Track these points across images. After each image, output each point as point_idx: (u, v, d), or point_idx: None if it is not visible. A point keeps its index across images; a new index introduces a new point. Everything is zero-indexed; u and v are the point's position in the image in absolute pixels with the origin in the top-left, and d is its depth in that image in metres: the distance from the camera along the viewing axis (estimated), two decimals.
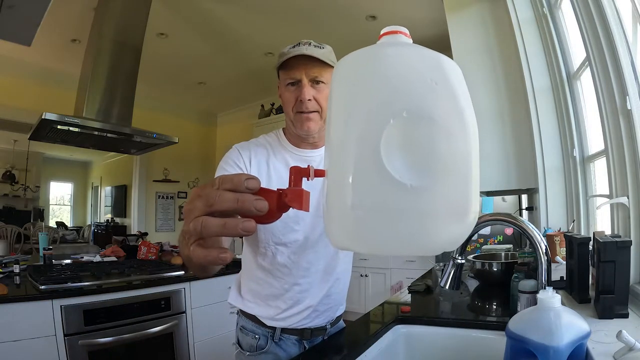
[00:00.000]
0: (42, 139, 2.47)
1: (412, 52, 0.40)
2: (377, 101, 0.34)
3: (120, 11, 2.51)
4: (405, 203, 0.32)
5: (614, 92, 1.17)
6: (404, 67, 0.37)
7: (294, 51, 0.91)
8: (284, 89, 0.95)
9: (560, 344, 0.57)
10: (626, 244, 0.86)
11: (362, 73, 0.37)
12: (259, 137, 1.06)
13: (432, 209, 0.33)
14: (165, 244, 2.89)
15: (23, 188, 7.01)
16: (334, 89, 0.38)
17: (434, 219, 0.33)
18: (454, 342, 1.05)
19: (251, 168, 0.96)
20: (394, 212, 0.33)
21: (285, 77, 0.93)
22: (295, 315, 0.99)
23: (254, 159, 0.97)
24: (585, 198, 1.70)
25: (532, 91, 1.93)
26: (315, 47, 0.92)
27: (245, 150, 0.98)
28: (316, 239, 0.98)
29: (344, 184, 0.33)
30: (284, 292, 0.98)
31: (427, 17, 3.46)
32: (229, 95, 5.56)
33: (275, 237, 0.95)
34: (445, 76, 0.38)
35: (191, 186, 5.94)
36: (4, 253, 2.61)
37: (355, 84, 0.37)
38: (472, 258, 1.58)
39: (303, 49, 0.91)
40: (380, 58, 0.39)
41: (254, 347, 1.00)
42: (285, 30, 3.71)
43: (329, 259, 1.01)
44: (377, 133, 0.33)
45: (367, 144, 0.33)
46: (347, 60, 0.40)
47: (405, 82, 0.35)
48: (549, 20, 1.83)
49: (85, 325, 1.71)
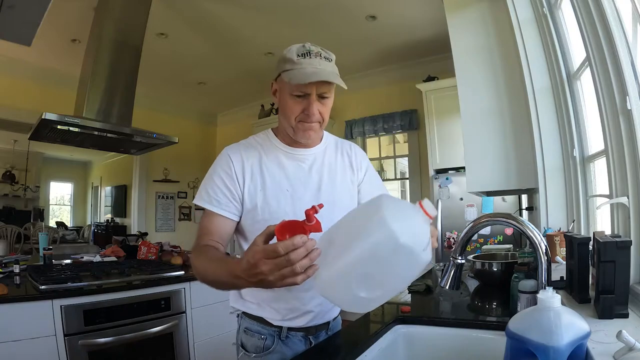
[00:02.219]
0: (42, 139, 2.47)
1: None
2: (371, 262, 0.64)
3: (120, 11, 2.51)
4: (363, 298, 0.67)
5: (614, 92, 1.17)
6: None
7: (306, 65, 0.89)
8: (288, 97, 0.93)
9: (560, 344, 0.57)
10: (626, 244, 0.86)
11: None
12: (249, 138, 1.06)
13: (372, 303, 0.71)
14: (165, 244, 2.88)
15: (23, 188, 7.02)
16: (372, 230, 0.63)
17: (373, 304, 0.72)
18: (454, 342, 1.05)
19: (244, 173, 0.97)
20: (357, 298, 0.66)
21: (292, 88, 0.91)
22: (303, 315, 1.00)
23: (246, 162, 0.98)
24: (585, 198, 1.70)
25: (532, 91, 1.92)
26: (325, 59, 0.91)
27: (236, 155, 0.99)
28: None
29: (338, 273, 0.65)
30: (287, 291, 0.97)
31: (427, 17, 3.46)
32: (229, 95, 5.56)
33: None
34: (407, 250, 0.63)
35: (191, 186, 5.94)
36: (4, 253, 2.61)
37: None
38: (472, 258, 1.58)
39: (315, 63, 0.89)
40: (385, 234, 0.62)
41: (261, 347, 0.99)
42: (285, 30, 3.71)
43: None
44: (361, 271, 0.64)
45: (355, 271, 0.64)
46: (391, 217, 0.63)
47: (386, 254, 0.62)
48: (549, 20, 1.83)
49: (85, 325, 1.71)
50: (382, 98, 4.69)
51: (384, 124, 4.61)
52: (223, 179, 0.96)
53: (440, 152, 3.78)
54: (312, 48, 0.91)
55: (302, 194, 0.98)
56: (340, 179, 1.05)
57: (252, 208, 0.96)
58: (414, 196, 4.50)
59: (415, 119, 4.44)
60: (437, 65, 4.15)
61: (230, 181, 0.96)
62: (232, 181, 0.96)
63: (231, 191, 0.96)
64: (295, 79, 0.88)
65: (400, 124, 4.51)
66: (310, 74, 0.88)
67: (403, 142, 5.02)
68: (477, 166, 2.19)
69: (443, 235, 3.56)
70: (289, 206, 0.96)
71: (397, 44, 4.02)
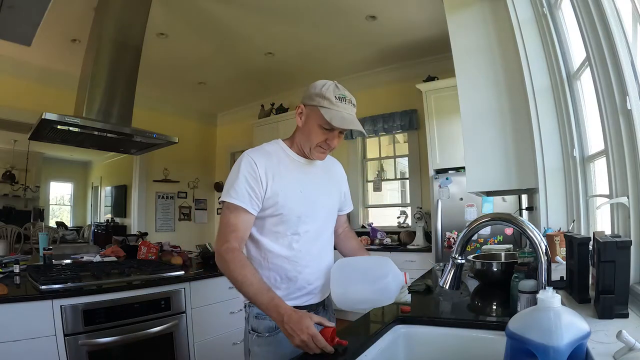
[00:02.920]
0: (42, 139, 2.47)
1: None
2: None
3: (120, 11, 2.51)
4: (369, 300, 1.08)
5: (614, 92, 1.17)
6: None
7: (342, 109, 1.09)
8: (317, 127, 1.11)
9: (560, 344, 0.57)
10: (626, 244, 0.86)
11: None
12: (263, 146, 1.20)
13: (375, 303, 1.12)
14: (165, 244, 2.88)
15: (23, 188, 7.01)
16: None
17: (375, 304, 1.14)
18: (454, 342, 1.05)
19: (267, 176, 1.11)
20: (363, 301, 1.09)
21: (324, 121, 1.09)
22: (306, 295, 1.18)
23: (268, 166, 1.13)
24: (585, 198, 1.70)
25: (532, 91, 1.92)
26: (353, 106, 1.13)
27: (259, 159, 1.13)
28: (322, 230, 1.21)
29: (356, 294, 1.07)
30: (297, 274, 1.15)
31: (427, 17, 3.46)
32: (229, 95, 5.56)
33: (292, 229, 1.14)
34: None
35: (191, 186, 5.95)
36: (4, 253, 2.61)
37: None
38: (472, 258, 1.58)
39: (349, 109, 1.11)
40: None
41: (273, 327, 1.11)
42: (285, 31, 3.71)
43: (328, 246, 1.25)
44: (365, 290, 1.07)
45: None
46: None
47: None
48: (549, 20, 1.83)
49: (85, 325, 1.71)
50: (382, 98, 4.69)
51: (384, 124, 4.61)
52: (248, 180, 1.10)
53: (440, 152, 3.78)
54: (345, 94, 1.11)
55: (310, 195, 1.18)
56: (332, 186, 1.29)
57: (270, 205, 1.12)
58: (414, 196, 4.51)
59: (415, 119, 4.44)
60: (437, 65, 4.15)
61: (254, 182, 1.10)
62: (257, 182, 1.10)
63: (255, 191, 1.10)
64: (335, 120, 1.08)
65: (400, 124, 4.51)
66: (348, 120, 1.09)
67: (403, 142, 5.02)
68: (477, 166, 2.19)
69: (443, 235, 3.56)
70: (302, 206, 1.15)
71: (397, 44, 4.02)
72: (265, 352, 1.12)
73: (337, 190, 1.30)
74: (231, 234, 1.08)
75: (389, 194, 5.23)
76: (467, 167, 2.24)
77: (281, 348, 1.10)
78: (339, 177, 1.34)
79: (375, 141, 5.04)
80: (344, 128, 1.10)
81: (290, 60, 4.37)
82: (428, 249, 3.81)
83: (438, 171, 3.74)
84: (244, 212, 1.09)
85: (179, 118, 5.77)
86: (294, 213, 1.13)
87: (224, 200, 1.11)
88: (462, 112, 2.24)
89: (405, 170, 4.89)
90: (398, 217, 4.54)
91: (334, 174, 1.32)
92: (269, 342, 1.12)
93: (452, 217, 3.48)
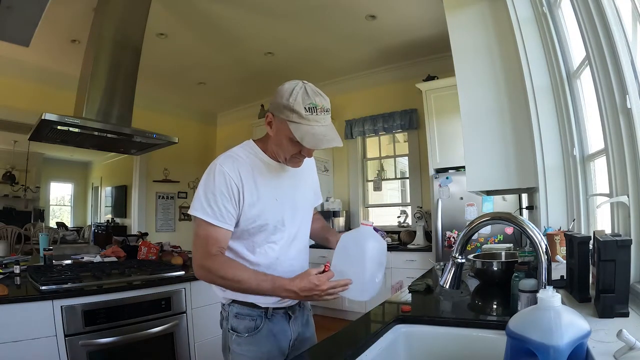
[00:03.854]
0: (42, 140, 2.47)
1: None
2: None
3: (120, 11, 2.51)
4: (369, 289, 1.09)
5: (614, 91, 1.17)
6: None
7: (313, 123, 0.99)
8: (288, 140, 1.04)
9: (560, 343, 0.57)
10: (626, 243, 0.86)
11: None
12: (235, 150, 1.15)
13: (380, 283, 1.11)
14: (166, 244, 2.88)
15: (23, 189, 7.02)
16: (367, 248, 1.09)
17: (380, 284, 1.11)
18: (454, 341, 1.05)
19: (243, 188, 1.08)
20: (375, 283, 1.10)
21: (295, 137, 1.00)
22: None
23: (245, 181, 1.09)
24: (585, 197, 1.70)
25: (532, 90, 1.92)
26: (326, 112, 1.02)
27: (233, 172, 1.08)
28: (298, 232, 1.20)
29: (364, 275, 1.08)
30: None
31: (427, 16, 3.46)
32: (229, 95, 5.56)
33: (268, 238, 1.13)
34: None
35: (191, 186, 5.94)
36: (4, 254, 2.61)
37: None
38: (472, 257, 1.58)
39: (321, 119, 1.00)
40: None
41: (252, 328, 1.14)
42: (285, 30, 3.71)
43: (304, 247, 1.24)
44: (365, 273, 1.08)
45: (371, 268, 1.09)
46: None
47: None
48: (549, 19, 1.83)
49: (86, 326, 1.71)
50: (382, 97, 4.69)
51: (384, 123, 4.61)
52: (225, 195, 1.06)
53: (440, 152, 3.78)
54: (315, 102, 0.99)
55: (285, 201, 1.16)
56: (305, 182, 1.26)
57: (247, 218, 1.10)
58: (414, 195, 4.51)
59: (415, 119, 4.44)
60: (437, 64, 4.15)
61: (230, 197, 1.07)
62: (232, 199, 1.07)
63: (233, 206, 1.08)
64: (306, 140, 0.99)
65: (400, 123, 4.51)
66: (320, 136, 0.99)
67: (403, 141, 5.02)
68: (477, 165, 2.19)
69: (443, 235, 3.56)
70: (278, 214, 1.13)
71: (397, 44, 4.02)
72: (245, 351, 1.13)
73: (310, 185, 1.28)
74: (212, 246, 1.05)
75: (389, 193, 5.23)
76: (467, 166, 2.24)
77: (261, 348, 1.12)
78: (309, 167, 1.29)
79: (375, 141, 5.04)
80: (315, 148, 1.02)
81: (290, 60, 4.37)
82: (428, 249, 3.82)
83: (438, 170, 3.74)
84: (222, 229, 1.07)
85: (179, 118, 5.77)
86: (270, 223, 1.11)
87: (201, 218, 1.06)
88: (462, 111, 2.24)
89: (406, 169, 4.89)
90: (398, 216, 4.54)
91: (305, 166, 1.23)
92: (248, 341, 1.13)
93: (452, 217, 3.48)
